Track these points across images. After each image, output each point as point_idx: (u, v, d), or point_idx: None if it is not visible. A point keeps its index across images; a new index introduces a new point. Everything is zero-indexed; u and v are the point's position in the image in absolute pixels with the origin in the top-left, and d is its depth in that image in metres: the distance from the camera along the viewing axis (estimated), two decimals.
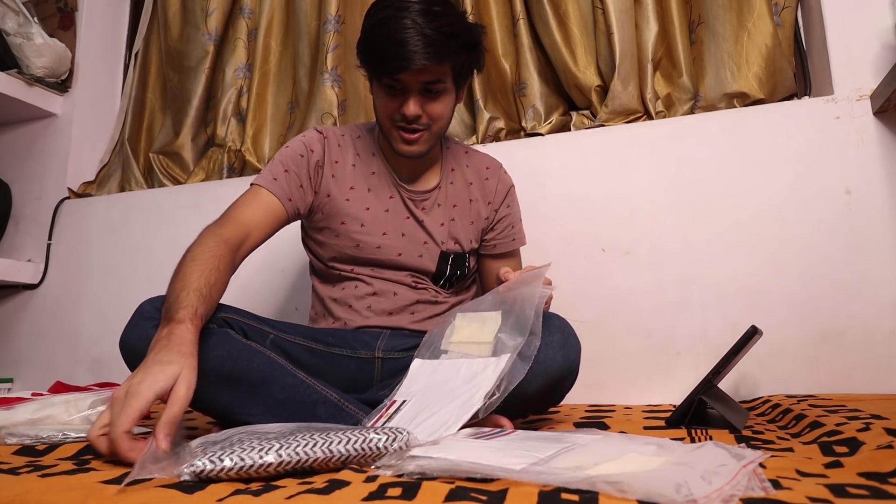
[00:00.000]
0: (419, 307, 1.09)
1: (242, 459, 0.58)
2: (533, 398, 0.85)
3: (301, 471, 0.60)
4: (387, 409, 0.80)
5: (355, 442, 0.63)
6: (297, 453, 0.60)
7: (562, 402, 0.94)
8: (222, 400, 0.84)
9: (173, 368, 0.68)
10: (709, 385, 0.91)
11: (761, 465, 0.59)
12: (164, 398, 0.67)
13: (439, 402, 0.77)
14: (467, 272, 1.13)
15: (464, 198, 1.13)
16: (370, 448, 0.63)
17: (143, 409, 0.65)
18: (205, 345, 0.84)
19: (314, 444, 0.61)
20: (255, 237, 0.98)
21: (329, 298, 1.10)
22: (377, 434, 0.64)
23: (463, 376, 0.79)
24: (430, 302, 1.10)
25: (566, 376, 0.86)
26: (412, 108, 0.98)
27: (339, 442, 0.62)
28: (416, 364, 0.87)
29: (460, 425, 0.72)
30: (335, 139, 1.10)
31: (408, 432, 0.66)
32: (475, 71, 1.07)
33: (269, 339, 0.93)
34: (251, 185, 1.04)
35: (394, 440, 0.64)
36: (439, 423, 0.73)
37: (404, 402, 0.80)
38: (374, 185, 1.09)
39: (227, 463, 0.57)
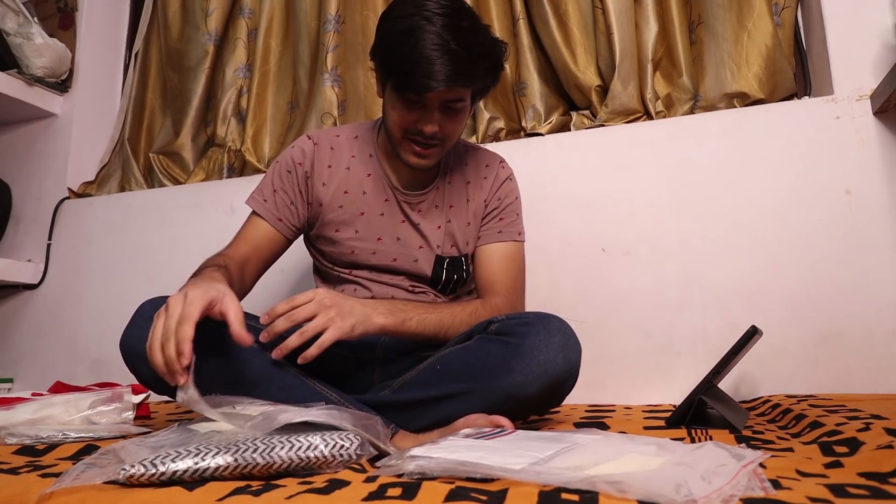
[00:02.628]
0: None
1: (175, 463, 0.56)
2: (533, 400, 0.84)
3: (244, 476, 0.59)
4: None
5: (298, 448, 0.61)
6: (237, 459, 0.58)
7: (562, 403, 0.94)
8: None
9: (217, 287, 0.74)
10: (709, 385, 0.91)
11: (761, 465, 0.59)
12: (210, 312, 0.71)
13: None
14: (466, 276, 1.10)
15: (461, 198, 1.10)
16: (314, 456, 0.61)
17: (203, 309, 0.70)
18: (203, 344, 0.84)
19: (255, 450, 0.59)
20: (255, 260, 1.04)
21: None
22: (321, 440, 0.63)
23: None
24: None
25: (566, 378, 0.86)
26: (431, 126, 0.95)
27: (282, 448, 0.61)
28: None
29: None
30: (327, 143, 1.08)
31: (356, 439, 0.65)
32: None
33: None
34: (246, 202, 1.08)
35: (339, 447, 0.63)
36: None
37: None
38: (370, 187, 1.07)
39: (161, 468, 0.56)
